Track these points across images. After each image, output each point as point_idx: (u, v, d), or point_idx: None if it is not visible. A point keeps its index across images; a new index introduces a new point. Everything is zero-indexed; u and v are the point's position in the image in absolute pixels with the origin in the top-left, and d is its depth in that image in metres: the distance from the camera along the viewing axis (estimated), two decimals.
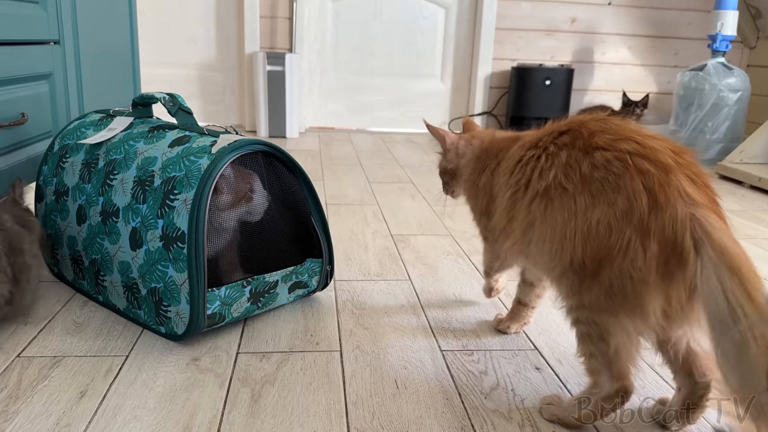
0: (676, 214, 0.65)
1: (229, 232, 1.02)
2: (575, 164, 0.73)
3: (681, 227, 0.65)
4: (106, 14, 1.71)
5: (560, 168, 0.74)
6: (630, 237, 0.67)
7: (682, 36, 3.34)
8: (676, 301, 0.67)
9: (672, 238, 0.65)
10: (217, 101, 3.21)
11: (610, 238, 0.68)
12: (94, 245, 1.04)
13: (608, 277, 0.69)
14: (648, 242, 0.66)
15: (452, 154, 1.05)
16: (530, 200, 0.77)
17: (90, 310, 1.07)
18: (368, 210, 1.78)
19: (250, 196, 1.00)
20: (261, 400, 0.83)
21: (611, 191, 0.69)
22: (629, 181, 0.68)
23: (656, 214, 0.66)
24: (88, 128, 1.14)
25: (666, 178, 0.67)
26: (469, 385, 0.89)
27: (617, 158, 0.70)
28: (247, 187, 1.00)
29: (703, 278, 0.63)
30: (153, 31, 3.08)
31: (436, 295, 1.20)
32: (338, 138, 3.09)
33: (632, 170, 0.68)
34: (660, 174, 0.67)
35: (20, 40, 1.28)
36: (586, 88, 3.36)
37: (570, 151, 0.74)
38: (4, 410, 0.78)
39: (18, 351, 0.92)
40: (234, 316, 0.99)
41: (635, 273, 0.67)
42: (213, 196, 0.97)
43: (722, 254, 0.62)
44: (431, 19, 3.28)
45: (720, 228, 0.65)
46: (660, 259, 0.66)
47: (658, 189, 0.67)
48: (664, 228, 0.66)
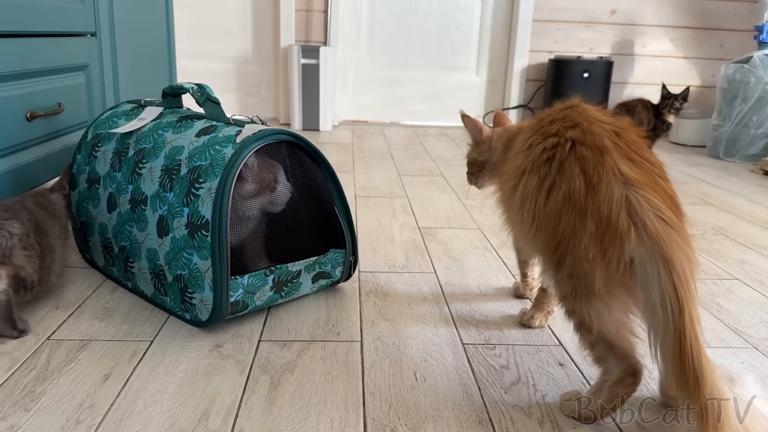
0: (611, 192, 0.69)
1: (253, 220, 1.03)
2: (537, 153, 0.76)
3: (615, 206, 0.68)
4: (143, 7, 1.75)
5: (532, 157, 0.77)
6: (574, 220, 0.71)
7: (728, 27, 3.23)
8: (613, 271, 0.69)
9: (607, 215, 0.69)
10: (253, 94, 3.24)
11: (560, 224, 0.72)
12: (123, 232, 1.06)
13: (568, 262, 0.72)
14: (586, 222, 0.70)
15: (485, 147, 1.06)
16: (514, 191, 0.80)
17: (119, 296, 1.09)
18: (397, 202, 1.78)
19: (274, 186, 1.01)
20: (280, 387, 0.83)
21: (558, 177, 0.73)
22: (569, 167, 0.72)
23: (592, 195, 0.70)
24: (119, 118, 1.16)
25: (601, 159, 0.70)
26: (490, 379, 0.88)
27: (561, 144, 0.74)
28: (271, 177, 1.01)
29: (641, 260, 0.67)
30: (191, 24, 3.12)
31: (461, 288, 1.19)
32: (371, 131, 3.09)
33: (571, 155, 0.72)
34: (595, 157, 0.71)
35: (58, 32, 1.31)
36: (625, 81, 3.28)
37: (535, 137, 0.78)
38: (32, 390, 0.80)
39: (48, 334, 0.95)
40: (257, 304, 1.00)
41: (583, 253, 0.70)
42: (237, 185, 0.98)
43: (656, 241, 0.67)
44: (467, 11, 3.25)
45: (654, 208, 0.68)
46: (597, 236, 0.69)
47: (592, 171, 0.70)
48: (599, 207, 0.69)
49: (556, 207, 0.72)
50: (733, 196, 2.04)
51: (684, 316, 0.65)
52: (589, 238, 0.70)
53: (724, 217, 1.77)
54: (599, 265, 0.70)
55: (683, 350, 0.65)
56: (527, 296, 1.15)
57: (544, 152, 0.75)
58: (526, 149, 0.78)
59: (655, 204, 0.69)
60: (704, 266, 1.37)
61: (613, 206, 0.68)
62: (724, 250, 1.48)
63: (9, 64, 1.14)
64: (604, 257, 0.69)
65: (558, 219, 0.72)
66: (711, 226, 1.68)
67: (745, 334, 1.05)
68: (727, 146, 2.67)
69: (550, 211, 0.73)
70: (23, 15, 1.18)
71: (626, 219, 0.68)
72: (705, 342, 1.01)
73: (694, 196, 2.02)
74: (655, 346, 0.68)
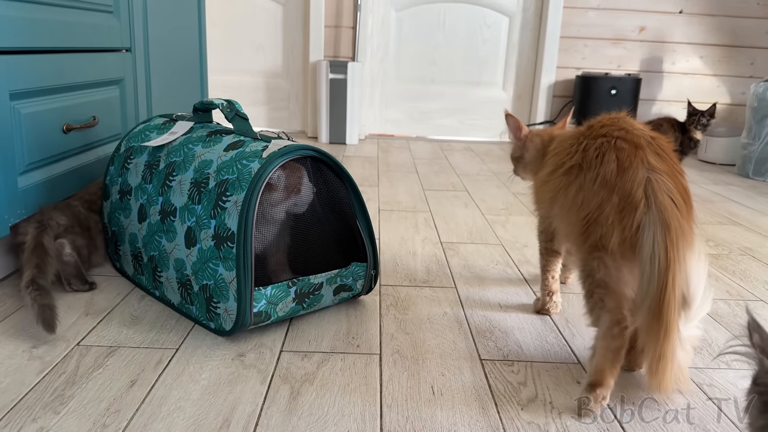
0: (636, 174, 0.84)
1: (278, 229, 1.05)
2: (587, 148, 0.91)
3: (637, 184, 0.84)
4: (176, 24, 1.80)
5: (580, 152, 0.92)
6: (603, 196, 0.86)
7: (760, 45, 3.19)
8: (627, 234, 0.84)
9: (628, 190, 0.84)
10: (282, 108, 3.30)
11: (593, 201, 0.87)
12: (152, 242, 1.10)
13: (592, 230, 0.87)
14: (612, 196, 0.85)
15: (521, 144, 1.20)
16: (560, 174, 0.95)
17: (147, 304, 1.12)
18: (420, 217, 1.79)
19: (299, 189, 1.04)
20: (299, 397, 0.85)
21: (599, 164, 0.88)
22: (608, 155, 0.87)
23: (621, 176, 0.85)
24: (152, 131, 1.20)
25: (635, 152, 0.86)
26: (507, 396, 0.88)
27: (607, 141, 0.89)
28: (297, 181, 1.04)
29: (645, 224, 0.82)
30: (223, 39, 3.20)
31: (481, 304, 1.19)
32: (397, 145, 3.12)
33: (612, 148, 0.88)
34: (630, 149, 0.87)
35: (95, 48, 1.37)
36: (654, 98, 3.26)
37: (587, 140, 0.92)
38: (61, 394, 0.83)
39: (78, 339, 0.98)
40: (279, 315, 1.02)
41: (604, 220, 0.86)
42: (266, 193, 1.01)
43: (660, 210, 0.82)
44: (494, 28, 3.27)
45: (666, 189, 0.83)
46: (618, 206, 0.85)
47: (625, 159, 0.86)
48: (624, 184, 0.85)
49: (594, 188, 0.87)
50: (762, 216, 2.01)
51: (669, 273, 0.79)
52: (611, 208, 0.85)
53: (752, 238, 1.75)
54: (617, 228, 0.85)
55: (662, 303, 0.79)
56: (550, 311, 1.15)
57: (595, 150, 0.90)
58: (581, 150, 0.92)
59: (669, 187, 0.84)
60: (729, 287, 1.35)
61: (635, 184, 0.84)
62: (750, 271, 1.46)
63: (48, 79, 1.19)
64: (621, 222, 0.84)
65: (593, 197, 0.87)
66: (738, 246, 1.66)
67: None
68: (756, 165, 2.63)
69: (591, 193, 0.88)
70: (63, 32, 1.23)
71: (642, 193, 0.83)
72: (726, 364, 1.00)
73: (721, 215, 2.00)
74: (639, 297, 0.82)
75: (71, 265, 1.15)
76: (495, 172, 2.53)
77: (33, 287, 1.01)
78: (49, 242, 1.10)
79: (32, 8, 1.13)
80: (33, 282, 1.02)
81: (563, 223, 0.94)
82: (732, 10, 3.15)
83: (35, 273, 1.04)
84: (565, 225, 0.93)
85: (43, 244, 1.09)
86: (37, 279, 1.03)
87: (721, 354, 1.04)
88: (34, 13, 1.14)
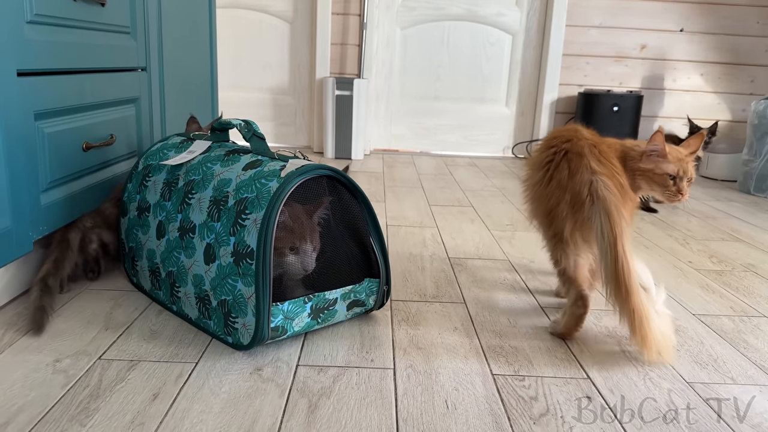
0: (582, 178, 1.10)
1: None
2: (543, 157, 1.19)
3: (583, 185, 1.09)
4: (189, 43, 1.84)
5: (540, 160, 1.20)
6: (559, 195, 1.13)
7: (759, 63, 3.24)
8: (578, 227, 1.11)
9: (578, 190, 1.10)
10: (288, 123, 3.34)
11: (552, 199, 1.14)
12: (171, 258, 1.13)
13: (553, 223, 1.15)
14: (565, 195, 1.12)
15: None
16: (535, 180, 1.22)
17: (165, 319, 1.15)
18: (427, 232, 1.82)
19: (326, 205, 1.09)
20: (317, 411, 0.88)
21: (555, 172, 1.14)
22: (561, 164, 1.13)
23: (571, 179, 1.11)
24: (170, 150, 1.24)
25: (580, 160, 1.11)
26: (519, 410, 0.91)
27: (557, 152, 1.16)
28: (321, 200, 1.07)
29: (592, 213, 1.08)
30: (232, 57, 3.24)
31: (490, 319, 1.22)
32: (402, 160, 3.15)
33: (563, 157, 1.14)
34: (576, 158, 1.12)
35: (114, 68, 1.40)
36: (655, 114, 3.30)
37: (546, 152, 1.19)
38: (86, 407, 0.86)
39: (99, 354, 1.01)
40: (295, 330, 1.05)
41: (560, 214, 1.13)
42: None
43: (602, 201, 1.07)
44: (497, 46, 3.32)
45: (605, 186, 1.08)
46: (570, 203, 1.11)
47: (573, 166, 1.11)
48: (574, 186, 1.10)
49: (552, 189, 1.14)
50: (764, 232, 2.04)
51: (617, 245, 1.04)
52: (565, 204, 1.11)
53: (754, 254, 1.77)
54: (570, 221, 1.11)
55: (617, 269, 1.03)
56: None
57: (547, 157, 1.17)
58: (537, 155, 1.22)
59: (608, 185, 1.08)
60: (732, 303, 1.38)
61: (582, 185, 1.09)
62: (752, 287, 1.49)
63: (69, 99, 1.23)
64: (573, 216, 1.11)
65: (551, 196, 1.14)
66: (740, 262, 1.69)
67: None
68: (758, 182, 2.66)
69: (549, 192, 1.15)
70: (85, 53, 1.26)
71: (587, 192, 1.09)
72: (732, 378, 1.03)
73: (723, 231, 2.02)
74: (600, 268, 1.07)
75: (92, 258, 1.31)
76: (499, 188, 2.56)
77: (41, 285, 1.14)
78: (74, 238, 1.25)
79: (57, 31, 1.17)
80: (43, 280, 1.15)
81: (537, 217, 1.23)
82: (732, 28, 3.20)
83: (49, 269, 1.18)
84: (537, 218, 1.22)
85: (67, 239, 1.24)
86: (47, 278, 1.16)
87: None
88: (58, 36, 1.17)
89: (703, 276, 1.55)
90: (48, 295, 1.14)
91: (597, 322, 1.23)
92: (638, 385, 0.99)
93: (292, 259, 1.05)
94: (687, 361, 1.09)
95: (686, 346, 1.15)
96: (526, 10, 3.28)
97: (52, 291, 1.15)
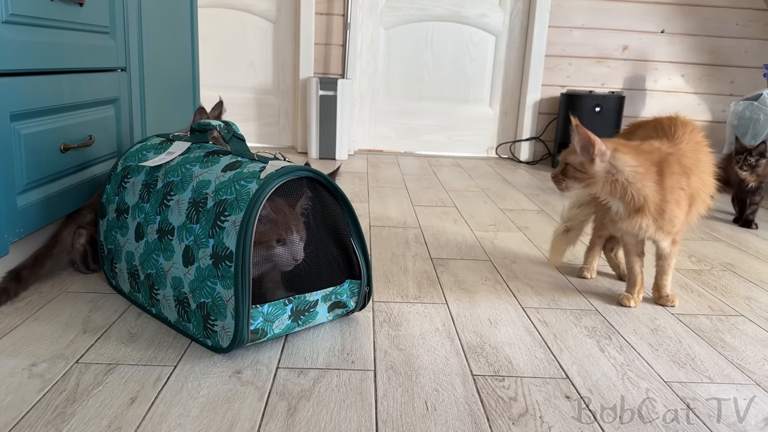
0: None
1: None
2: None
3: None
4: (170, 43, 1.83)
5: None
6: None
7: (739, 64, 3.28)
8: None
9: None
10: (272, 123, 3.33)
11: None
12: (150, 261, 1.12)
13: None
14: None
15: None
16: None
17: (144, 322, 1.14)
18: (410, 233, 1.82)
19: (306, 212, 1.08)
20: (297, 414, 0.87)
21: None
22: None
23: None
24: (149, 151, 1.23)
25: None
26: (498, 411, 0.91)
27: None
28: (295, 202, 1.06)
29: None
30: (214, 55, 3.23)
31: (472, 320, 1.22)
32: (386, 160, 3.15)
33: None
34: None
35: (92, 68, 1.39)
36: (637, 115, 3.33)
37: None
38: (63, 412, 0.85)
39: (77, 357, 1.00)
40: (275, 332, 1.05)
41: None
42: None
43: None
44: (481, 46, 3.33)
45: None
46: None
47: None
48: None
49: None
50: (743, 232, 2.07)
51: None
52: None
53: (733, 253, 1.80)
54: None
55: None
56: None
57: None
58: None
59: None
60: (710, 302, 1.39)
61: None
62: (730, 287, 1.50)
63: (47, 100, 1.21)
64: None
65: None
66: (719, 261, 1.71)
67: (749, 371, 1.07)
68: None
69: None
70: (62, 53, 1.25)
71: None
72: (709, 378, 1.04)
73: (703, 231, 2.05)
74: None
75: (80, 253, 1.34)
76: (482, 188, 2.57)
77: (11, 274, 1.20)
78: (67, 234, 1.32)
79: (34, 31, 1.16)
80: (16, 270, 1.21)
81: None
82: (712, 30, 3.24)
83: (26, 262, 1.23)
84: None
85: (58, 236, 1.30)
86: (22, 270, 1.21)
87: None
88: (36, 36, 1.16)
89: (683, 275, 1.57)
90: (16, 282, 1.19)
91: (577, 322, 1.24)
92: (617, 384, 1.00)
93: (281, 250, 1.04)
94: (665, 360, 1.10)
95: (664, 346, 1.16)
96: (509, 11, 3.29)
97: (22, 281, 1.21)
